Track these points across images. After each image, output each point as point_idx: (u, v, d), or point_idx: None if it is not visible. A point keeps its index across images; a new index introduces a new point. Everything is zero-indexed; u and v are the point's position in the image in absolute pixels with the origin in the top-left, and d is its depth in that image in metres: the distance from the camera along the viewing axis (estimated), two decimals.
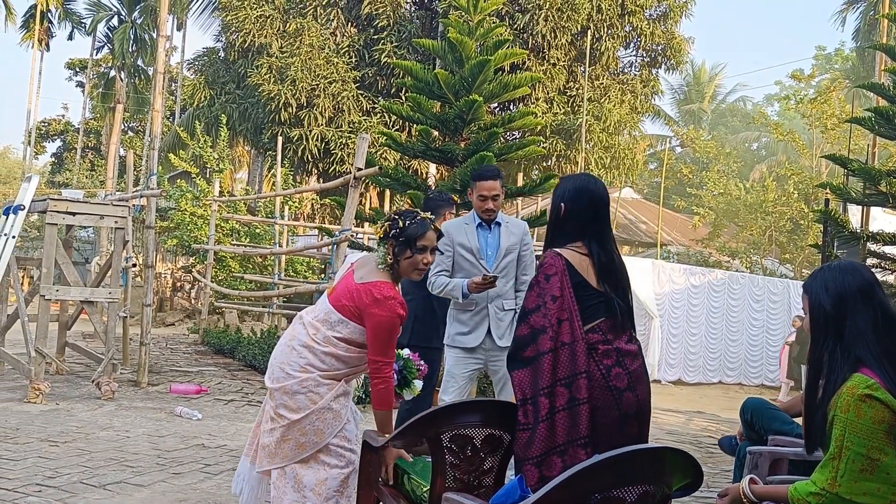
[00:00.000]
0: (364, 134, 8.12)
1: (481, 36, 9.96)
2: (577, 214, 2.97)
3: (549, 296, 2.84)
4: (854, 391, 2.26)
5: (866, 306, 2.38)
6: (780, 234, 20.85)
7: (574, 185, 3.04)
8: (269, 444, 3.29)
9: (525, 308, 2.90)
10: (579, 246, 2.94)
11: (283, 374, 3.26)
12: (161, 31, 10.15)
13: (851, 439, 2.23)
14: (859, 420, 2.23)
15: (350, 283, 3.30)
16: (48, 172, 43.63)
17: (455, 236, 4.68)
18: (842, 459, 2.23)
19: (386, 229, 3.29)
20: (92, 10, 37.59)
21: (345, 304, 3.26)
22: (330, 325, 3.26)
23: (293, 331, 3.36)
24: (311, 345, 3.26)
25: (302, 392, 3.22)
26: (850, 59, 35.92)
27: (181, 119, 27.94)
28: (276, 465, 3.26)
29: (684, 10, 20.78)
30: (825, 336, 2.42)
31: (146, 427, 6.47)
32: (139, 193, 9.82)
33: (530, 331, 2.83)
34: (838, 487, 2.23)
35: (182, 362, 10.50)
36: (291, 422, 3.22)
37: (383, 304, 3.16)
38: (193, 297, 19.89)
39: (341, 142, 18.82)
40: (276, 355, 3.35)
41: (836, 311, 2.40)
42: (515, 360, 2.85)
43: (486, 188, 4.66)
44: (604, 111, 19.08)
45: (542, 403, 2.73)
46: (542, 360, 2.77)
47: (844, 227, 7.56)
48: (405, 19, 20.05)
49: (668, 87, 40.61)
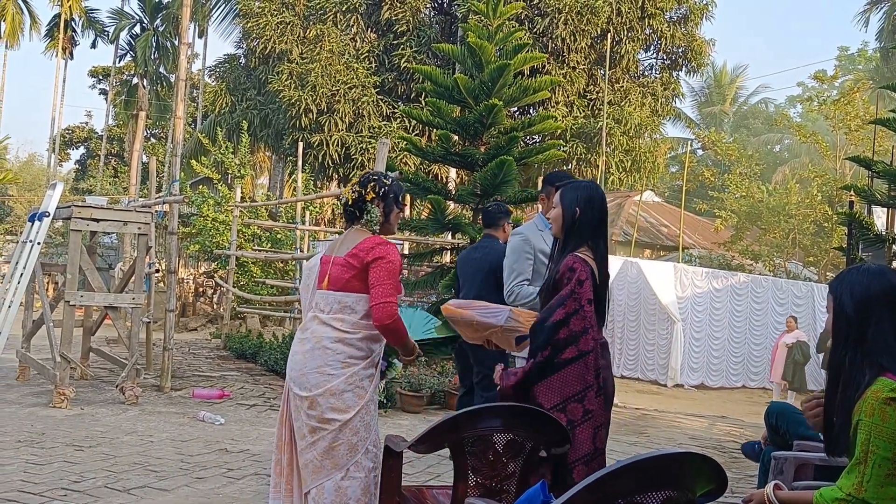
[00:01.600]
0: (384, 139, 8.14)
1: (501, 40, 9.97)
2: (589, 221, 3.23)
3: (585, 299, 3.04)
4: (878, 395, 2.23)
5: (892, 312, 2.35)
6: (803, 237, 20.65)
7: (587, 193, 3.28)
8: (312, 459, 3.23)
9: (567, 313, 3.04)
10: (585, 250, 3.18)
11: (324, 376, 3.23)
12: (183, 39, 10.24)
13: (877, 444, 2.20)
14: (884, 424, 2.20)
15: (339, 260, 3.33)
16: (72, 179, 44.18)
17: (536, 243, 4.42)
18: (867, 464, 2.20)
19: (376, 190, 3.41)
20: (114, 18, 38.06)
21: (348, 278, 3.28)
22: (350, 309, 3.28)
23: (314, 333, 3.30)
24: (344, 337, 3.26)
25: (349, 389, 3.23)
26: (873, 60, 35.53)
27: (203, 125, 28.16)
28: (321, 479, 3.20)
29: (705, 12, 20.68)
30: (846, 339, 2.39)
31: (170, 432, 6.52)
32: (162, 200, 9.90)
33: (569, 334, 3.01)
34: (864, 493, 2.20)
35: (205, 367, 10.57)
36: (343, 423, 3.20)
37: (382, 247, 3.28)
38: (216, 302, 20.01)
39: (361, 147, 18.89)
40: (306, 362, 3.27)
41: (858, 316, 2.37)
42: (554, 364, 3.00)
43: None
44: (624, 114, 19.01)
45: (591, 397, 3.00)
46: (587, 358, 3.01)
47: (869, 229, 7.48)
48: (424, 24, 20.11)
49: (689, 90, 40.50)
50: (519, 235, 4.51)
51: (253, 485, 5.00)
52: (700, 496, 2.16)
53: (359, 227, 3.44)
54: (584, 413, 2.97)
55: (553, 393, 2.98)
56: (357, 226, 3.44)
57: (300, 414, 3.29)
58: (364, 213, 3.41)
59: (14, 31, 38.31)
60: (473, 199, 9.71)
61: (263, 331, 13.67)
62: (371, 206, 3.40)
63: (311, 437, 3.24)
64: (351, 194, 3.43)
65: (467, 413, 2.90)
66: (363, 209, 3.41)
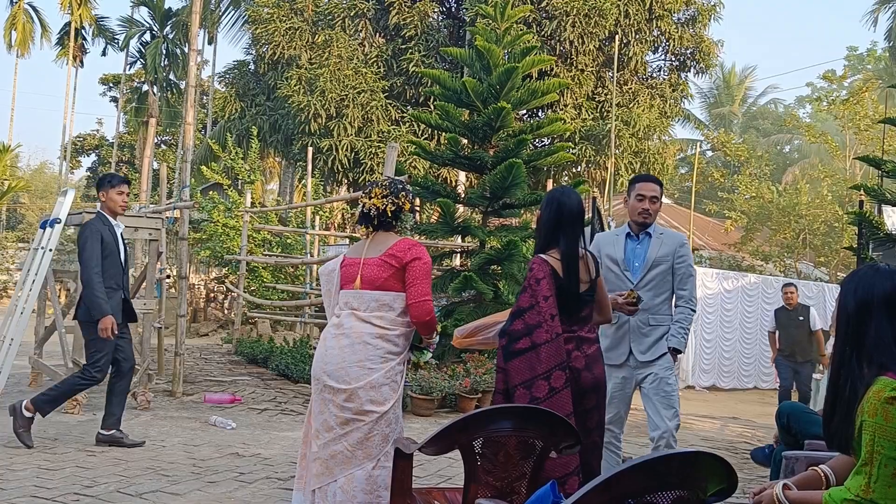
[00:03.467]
0: (393, 143, 8.17)
1: (509, 43, 9.98)
2: (546, 223, 3.63)
3: (541, 296, 3.43)
4: (880, 395, 2.22)
5: (890, 314, 2.33)
6: (814, 238, 20.57)
7: (547, 197, 3.72)
8: (342, 450, 3.39)
9: (520, 307, 3.47)
10: (554, 251, 3.56)
11: (364, 370, 3.41)
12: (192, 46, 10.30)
13: (881, 444, 2.19)
14: (888, 423, 2.19)
15: (373, 261, 3.53)
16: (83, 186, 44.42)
17: (603, 247, 4.50)
18: (874, 465, 2.20)
19: (410, 199, 3.69)
20: (124, 26, 38.30)
21: (386, 277, 3.48)
22: (388, 307, 3.48)
23: (353, 329, 3.46)
24: (385, 333, 3.46)
25: (386, 383, 3.43)
26: (882, 60, 35.41)
27: (213, 131, 28.30)
28: (352, 468, 3.36)
29: (713, 13, 20.64)
30: (847, 336, 2.40)
31: (181, 436, 6.54)
32: (172, 206, 9.95)
33: (525, 326, 3.42)
34: (872, 493, 2.19)
35: (216, 372, 10.60)
36: (380, 415, 3.40)
37: (418, 249, 3.55)
38: (227, 307, 20.08)
39: (370, 151, 18.94)
40: (346, 356, 3.43)
41: (858, 315, 2.37)
42: (511, 352, 3.42)
43: (647, 189, 4.46)
44: (633, 116, 18.99)
45: (541, 386, 3.33)
46: (540, 349, 3.37)
47: (879, 228, 7.44)
48: (433, 29, 20.15)
49: (698, 91, 40.40)
50: (595, 241, 4.62)
51: (265, 489, 5.01)
52: (711, 496, 2.16)
53: (385, 231, 3.64)
54: (532, 401, 3.29)
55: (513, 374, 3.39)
56: (383, 230, 3.65)
57: (329, 406, 3.45)
58: (399, 220, 3.68)
59: (25, 40, 38.61)
60: (483, 203, 9.71)
61: (274, 335, 13.70)
62: (407, 214, 3.67)
63: (343, 429, 3.40)
64: (389, 205, 3.60)
65: (477, 414, 2.91)
66: (399, 217, 3.66)
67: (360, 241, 3.81)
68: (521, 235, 9.33)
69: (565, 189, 3.82)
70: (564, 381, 3.39)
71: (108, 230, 5.92)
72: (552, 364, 3.37)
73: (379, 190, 3.63)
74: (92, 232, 5.82)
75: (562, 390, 3.38)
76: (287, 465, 5.59)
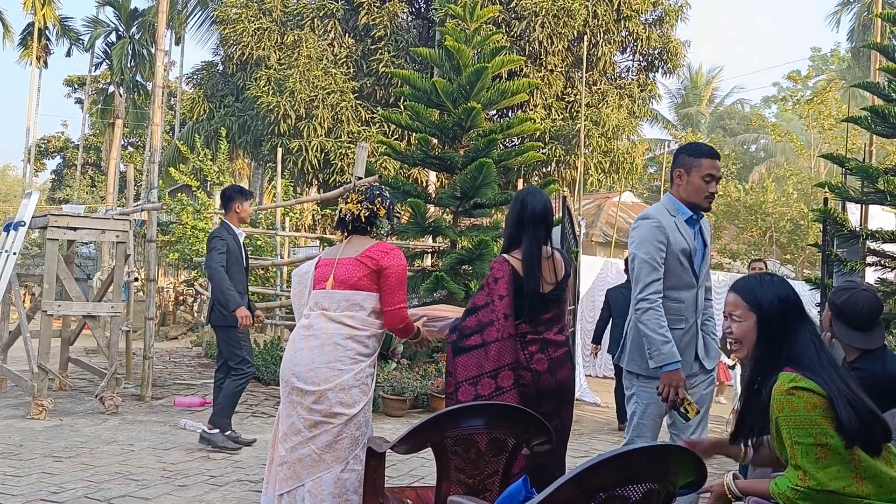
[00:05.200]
0: (363, 143, 8.14)
1: (478, 43, 10.00)
2: (508, 223, 3.65)
3: (496, 295, 3.44)
4: (781, 388, 2.35)
5: (805, 322, 2.50)
6: (780, 235, 20.86)
7: (513, 197, 3.74)
8: (309, 453, 3.36)
9: (475, 304, 3.48)
10: (517, 252, 3.56)
11: (334, 371, 3.37)
12: (159, 46, 10.17)
13: (797, 434, 2.31)
14: (795, 413, 2.32)
15: (347, 260, 3.52)
16: (48, 189, 43.75)
17: (670, 233, 3.50)
18: (798, 457, 2.31)
19: (385, 205, 3.68)
20: (89, 26, 37.71)
21: (360, 276, 3.47)
22: (358, 307, 3.46)
23: (323, 330, 3.43)
24: (355, 334, 3.44)
25: (356, 385, 3.41)
26: (845, 60, 35.98)
27: (181, 133, 28.02)
28: (320, 472, 3.33)
29: (679, 14, 20.84)
30: (771, 342, 2.50)
31: (150, 440, 6.47)
32: (140, 207, 9.83)
33: (477, 323, 3.44)
34: (809, 481, 2.30)
35: (186, 375, 10.50)
36: (349, 417, 3.37)
37: (395, 254, 3.54)
38: (196, 310, 19.88)
39: (341, 152, 18.86)
40: (315, 357, 3.40)
41: (782, 321, 2.50)
42: (459, 348, 3.44)
43: (716, 167, 3.58)
44: (602, 116, 19.11)
45: (487, 384, 3.35)
46: (489, 347, 3.39)
47: (843, 225, 7.56)
48: (402, 29, 20.12)
49: (666, 92, 40.79)
50: (650, 221, 3.55)
51: (236, 491, 4.98)
52: (680, 488, 2.18)
53: (361, 236, 3.65)
54: (476, 398, 3.34)
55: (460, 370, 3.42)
56: (358, 234, 3.65)
57: (297, 409, 3.41)
58: (374, 226, 3.67)
59: None
60: (453, 203, 9.72)
61: None
62: (382, 220, 3.66)
63: (311, 432, 3.36)
64: (364, 210, 3.61)
65: (449, 412, 2.92)
66: (374, 223, 3.65)
67: (336, 244, 3.81)
68: (491, 235, 9.35)
69: (531, 189, 3.78)
70: (512, 382, 3.40)
71: (233, 239, 6.20)
72: (501, 363, 3.39)
73: (355, 195, 3.66)
74: (219, 240, 6.11)
75: (509, 391, 3.39)
76: (258, 468, 5.56)
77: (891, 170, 7.67)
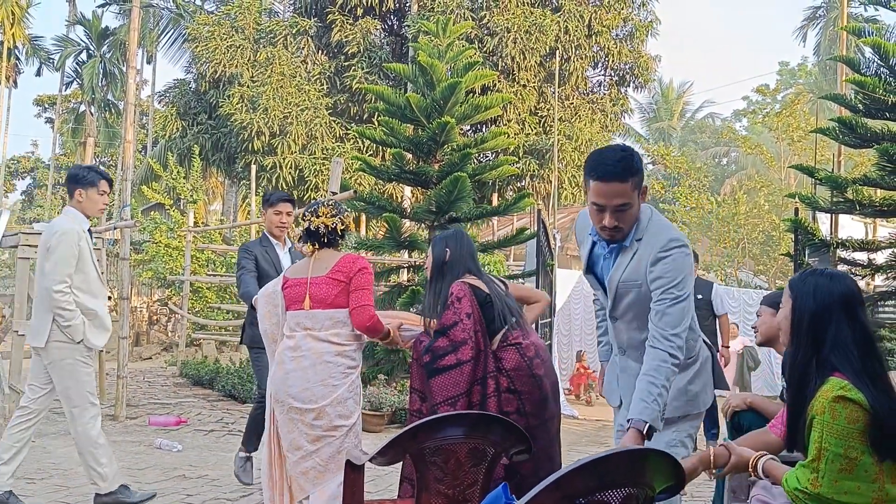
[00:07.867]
0: (338, 158, 8.14)
1: (451, 59, 10.05)
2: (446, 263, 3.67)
3: (463, 313, 3.48)
4: (828, 394, 2.30)
5: (851, 320, 2.42)
6: (752, 246, 21.10)
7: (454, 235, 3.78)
8: (314, 465, 3.47)
9: (444, 325, 3.49)
10: (469, 275, 3.62)
11: (329, 387, 3.49)
12: (131, 63, 10.11)
13: (829, 441, 2.27)
14: (835, 422, 2.27)
15: (321, 279, 3.58)
16: (18, 210, 43.19)
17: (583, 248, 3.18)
18: (821, 461, 2.28)
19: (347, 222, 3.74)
20: (60, 45, 37.46)
21: (337, 294, 3.54)
22: (342, 324, 3.56)
23: (312, 350, 3.52)
24: (343, 350, 3.55)
25: (350, 396, 3.54)
26: (812, 74, 36.63)
27: (153, 151, 27.83)
28: (324, 482, 3.45)
29: (650, 29, 21.12)
30: (806, 341, 2.45)
31: (125, 460, 6.38)
32: (113, 226, 9.74)
33: (450, 342, 3.45)
34: (820, 488, 2.27)
35: (160, 395, 10.37)
36: (349, 427, 3.51)
37: (362, 261, 3.66)
38: (170, 329, 19.69)
39: (315, 168, 18.85)
40: (309, 377, 3.49)
41: (818, 318, 2.44)
42: (434, 370, 3.47)
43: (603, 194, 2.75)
44: (575, 130, 19.29)
45: (463, 404, 3.39)
46: (463, 367, 3.42)
47: (814, 235, 7.67)
48: (375, 46, 20.20)
49: (638, 106, 41.23)
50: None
51: None
52: (659, 493, 2.19)
53: (330, 248, 3.71)
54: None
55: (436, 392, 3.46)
56: (329, 247, 3.71)
57: (297, 426, 3.50)
58: (344, 239, 3.78)
59: None
60: (429, 217, 9.73)
61: (220, 356, 13.48)
62: (348, 231, 3.77)
63: (314, 446, 3.48)
64: (338, 224, 3.69)
65: (428, 423, 2.91)
66: (343, 235, 3.76)
67: (301, 260, 3.83)
68: None
69: (456, 230, 3.91)
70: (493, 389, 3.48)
71: (266, 251, 5.50)
72: (477, 377, 3.48)
73: (326, 209, 3.71)
74: (247, 253, 5.50)
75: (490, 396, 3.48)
76: (236, 486, 5.50)
77: (859, 180, 7.81)
